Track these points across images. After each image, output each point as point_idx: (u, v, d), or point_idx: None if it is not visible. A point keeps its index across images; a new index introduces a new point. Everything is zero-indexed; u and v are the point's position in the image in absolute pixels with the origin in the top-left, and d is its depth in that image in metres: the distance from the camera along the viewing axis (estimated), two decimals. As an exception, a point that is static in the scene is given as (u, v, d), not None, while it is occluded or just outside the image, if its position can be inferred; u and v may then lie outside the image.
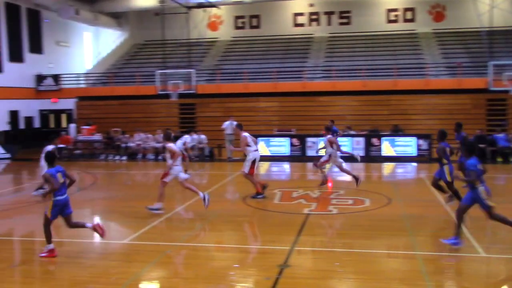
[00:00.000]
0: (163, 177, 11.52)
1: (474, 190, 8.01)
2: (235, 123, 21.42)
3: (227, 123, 21.71)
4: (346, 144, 20.87)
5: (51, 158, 8.43)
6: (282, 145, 21.46)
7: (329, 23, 33.72)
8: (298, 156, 21.13)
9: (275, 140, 21.67)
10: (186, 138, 17.55)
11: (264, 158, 20.96)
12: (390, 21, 33.23)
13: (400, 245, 8.92)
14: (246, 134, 12.92)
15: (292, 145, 21.32)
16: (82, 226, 8.60)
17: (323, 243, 9.30)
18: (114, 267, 7.79)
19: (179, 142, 17.26)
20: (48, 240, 8.34)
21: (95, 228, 8.47)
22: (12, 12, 27.54)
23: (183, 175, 11.80)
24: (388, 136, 21.27)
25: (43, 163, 13.93)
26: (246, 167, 12.77)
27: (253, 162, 12.75)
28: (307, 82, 27.09)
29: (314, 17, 33.92)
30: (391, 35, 32.00)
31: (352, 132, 21.98)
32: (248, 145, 12.76)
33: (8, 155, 23.24)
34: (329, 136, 13.84)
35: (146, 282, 7.41)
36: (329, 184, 14.78)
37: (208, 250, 8.95)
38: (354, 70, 27.56)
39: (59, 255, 8.44)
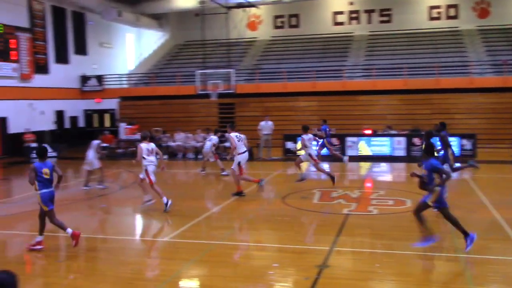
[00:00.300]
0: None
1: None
2: (270, 122, 21.51)
3: (262, 123, 21.76)
4: (386, 144, 20.60)
5: (42, 153, 8.80)
6: (321, 145, 21.27)
7: (369, 21, 33.31)
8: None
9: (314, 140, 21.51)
10: (215, 139, 17.78)
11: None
12: (432, 19, 32.56)
13: (443, 247, 8.74)
14: (234, 134, 13.10)
15: (331, 144, 21.13)
16: (63, 228, 8.76)
17: (363, 243, 9.21)
18: (155, 264, 7.94)
19: (208, 143, 17.59)
20: (40, 231, 8.69)
21: (73, 236, 8.62)
22: (58, 15, 28.39)
23: (141, 175, 11.92)
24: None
25: (90, 157, 14.49)
26: (234, 166, 13.12)
27: (239, 163, 13.01)
28: (347, 81, 26.84)
29: (354, 15, 33.57)
30: (433, 33, 31.34)
31: (393, 132, 21.65)
32: (235, 146, 12.96)
33: (54, 154, 23.96)
34: (303, 135, 14.28)
35: (186, 279, 7.52)
36: (367, 184, 14.66)
37: (247, 249, 9.01)
38: (395, 68, 27.13)
39: (103, 251, 8.66)
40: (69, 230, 8.69)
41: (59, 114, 28.51)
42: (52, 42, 27.92)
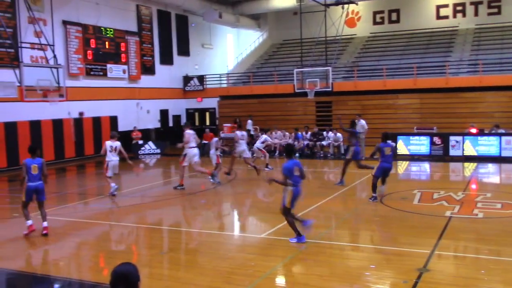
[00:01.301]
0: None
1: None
2: (363, 121, 21.04)
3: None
4: (493, 144, 19.39)
5: (34, 150, 10.03)
6: (422, 144, 20.55)
7: (476, 14, 31.45)
8: (440, 156, 20.08)
9: (415, 139, 20.82)
10: (266, 137, 18.19)
11: (403, 157, 20.36)
12: (548, 9, 30.08)
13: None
14: (190, 131, 14.46)
15: (433, 144, 20.32)
16: (44, 216, 9.92)
17: (467, 248, 8.77)
18: (252, 259, 8.10)
19: (259, 142, 17.89)
20: (26, 218, 9.87)
21: (29, 228, 9.76)
22: (164, 18, 29.83)
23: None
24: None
25: (212, 151, 15.99)
26: (185, 162, 14.56)
27: (185, 155, 14.49)
28: (451, 77, 25.59)
29: (459, 8, 31.88)
30: (549, 24, 28.94)
31: (501, 131, 20.30)
32: (188, 143, 14.35)
33: (158, 151, 25.25)
34: (236, 132, 16.27)
35: (282, 276, 7.61)
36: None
37: (344, 248, 8.92)
38: (504, 63, 25.42)
39: (203, 245, 9.00)
40: (29, 222, 9.80)
41: (164, 113, 29.96)
42: (158, 45, 29.40)
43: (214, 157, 16.17)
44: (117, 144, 13.76)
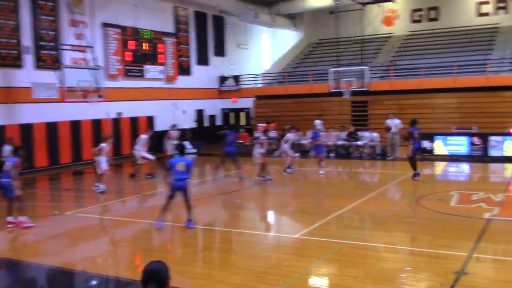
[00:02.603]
0: None
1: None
2: (397, 121, 20.68)
3: (388, 121, 21.05)
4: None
5: (16, 149, 11.07)
6: (461, 144, 20.10)
7: (518, 10, 30.53)
8: (479, 156, 19.60)
9: (453, 139, 20.37)
10: (289, 136, 18.15)
11: (441, 158, 19.97)
12: None
13: None
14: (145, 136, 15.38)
15: (472, 144, 19.84)
16: (9, 214, 10.59)
17: (507, 251, 8.54)
18: (286, 260, 8.10)
19: (283, 143, 17.87)
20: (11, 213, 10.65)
21: (7, 222, 10.49)
22: (200, 19, 30.12)
23: None
24: None
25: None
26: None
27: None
28: (491, 76, 24.90)
29: (501, 5, 30.98)
30: None
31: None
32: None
33: (194, 150, 25.51)
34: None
35: (316, 277, 7.59)
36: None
37: (379, 250, 8.82)
38: (549, 61, 24.61)
39: (237, 244, 9.05)
40: (9, 218, 10.51)
41: (199, 113, 30.25)
42: (194, 45, 29.70)
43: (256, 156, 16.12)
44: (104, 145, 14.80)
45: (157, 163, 18.22)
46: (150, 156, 17.55)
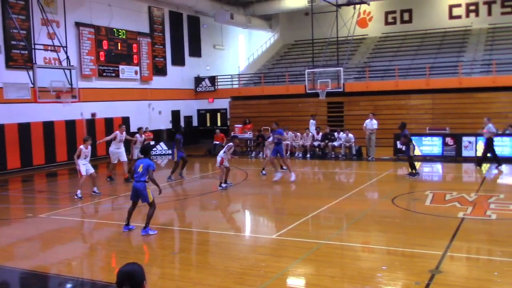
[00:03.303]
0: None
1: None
2: (375, 121, 20.94)
3: (367, 121, 21.30)
4: (507, 144, 19.20)
5: None
6: (434, 145, 20.42)
7: (489, 13, 31.17)
8: (452, 157, 19.94)
9: (427, 140, 20.68)
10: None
11: (415, 158, 20.17)
12: None
13: None
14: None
15: (445, 144, 20.17)
16: None
17: (480, 250, 8.70)
18: (263, 260, 8.10)
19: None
20: None
21: None
22: (176, 19, 29.94)
23: None
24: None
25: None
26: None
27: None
28: (464, 77, 25.39)
29: (472, 7, 31.61)
30: None
31: (515, 132, 20.10)
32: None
33: (169, 152, 25.30)
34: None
35: (293, 277, 7.60)
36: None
37: (355, 249, 8.90)
38: (518, 63, 25.16)
39: (214, 245, 9.00)
40: None
41: (175, 114, 30.05)
42: (170, 46, 29.51)
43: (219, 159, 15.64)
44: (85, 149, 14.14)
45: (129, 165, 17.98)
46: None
